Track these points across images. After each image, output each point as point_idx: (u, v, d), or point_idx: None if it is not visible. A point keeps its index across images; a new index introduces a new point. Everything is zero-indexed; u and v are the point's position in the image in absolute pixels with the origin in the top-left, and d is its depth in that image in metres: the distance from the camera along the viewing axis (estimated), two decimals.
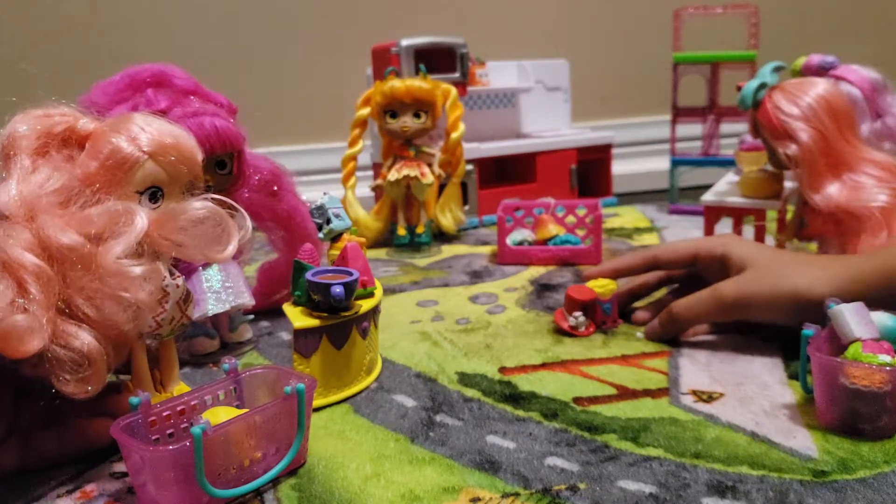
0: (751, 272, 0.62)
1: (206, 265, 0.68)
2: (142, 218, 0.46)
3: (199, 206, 0.48)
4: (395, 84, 1.04)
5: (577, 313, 0.71)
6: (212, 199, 0.49)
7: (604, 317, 0.72)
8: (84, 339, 0.43)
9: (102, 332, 0.44)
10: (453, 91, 1.12)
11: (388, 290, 0.89)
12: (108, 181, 0.46)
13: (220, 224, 0.48)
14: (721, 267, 0.66)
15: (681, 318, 0.66)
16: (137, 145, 0.46)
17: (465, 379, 0.62)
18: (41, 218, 0.44)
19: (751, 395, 0.56)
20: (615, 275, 0.74)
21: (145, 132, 0.47)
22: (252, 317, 0.76)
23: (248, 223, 0.50)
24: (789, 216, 0.84)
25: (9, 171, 0.45)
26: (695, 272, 0.70)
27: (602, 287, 0.72)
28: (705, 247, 0.67)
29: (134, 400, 0.45)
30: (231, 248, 0.49)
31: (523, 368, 0.64)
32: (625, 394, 0.58)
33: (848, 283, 0.57)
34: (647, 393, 0.58)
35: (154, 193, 0.48)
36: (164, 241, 0.47)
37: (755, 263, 0.63)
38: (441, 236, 1.18)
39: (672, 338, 0.68)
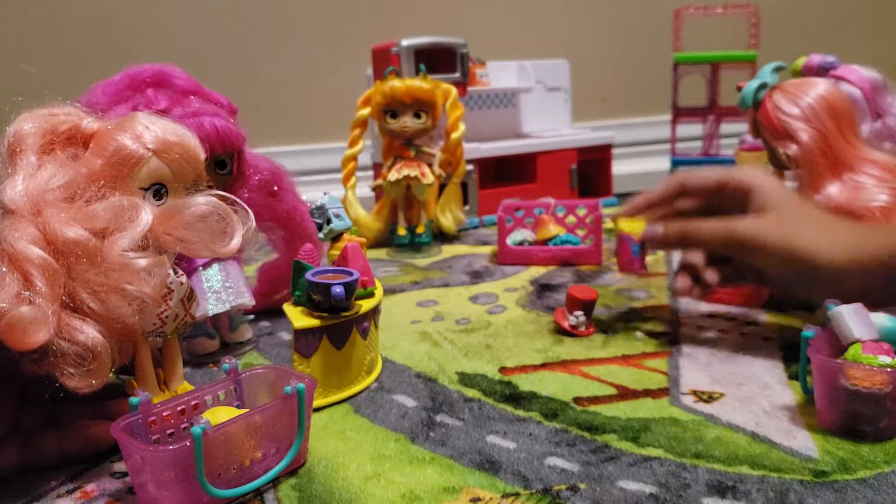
0: (771, 217, 0.60)
1: (207, 265, 0.68)
2: (146, 212, 0.46)
3: (203, 201, 0.48)
4: (396, 84, 1.04)
5: (578, 313, 0.71)
6: (215, 194, 0.49)
7: (632, 259, 0.69)
8: (89, 332, 0.44)
9: (107, 326, 0.45)
10: (453, 91, 1.12)
11: (389, 290, 0.89)
12: (113, 178, 0.46)
13: (223, 219, 0.49)
14: (745, 201, 0.63)
15: (689, 236, 0.64)
16: (142, 143, 0.47)
17: (466, 379, 0.62)
18: (47, 212, 0.44)
19: (751, 396, 0.56)
20: (647, 205, 0.70)
21: (150, 130, 0.47)
22: (252, 317, 0.76)
23: (252, 217, 0.51)
24: None
25: (15, 167, 0.46)
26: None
27: (632, 226, 0.68)
28: (735, 177, 0.64)
29: (134, 400, 0.45)
30: (236, 242, 0.49)
31: (523, 368, 0.64)
32: (625, 394, 0.58)
33: (868, 258, 0.55)
34: (648, 393, 0.58)
35: (158, 191, 0.48)
36: (169, 238, 0.47)
37: (778, 208, 0.60)
38: (441, 236, 1.18)
39: (672, 245, 0.66)
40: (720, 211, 0.66)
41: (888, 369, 0.47)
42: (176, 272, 0.50)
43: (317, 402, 0.57)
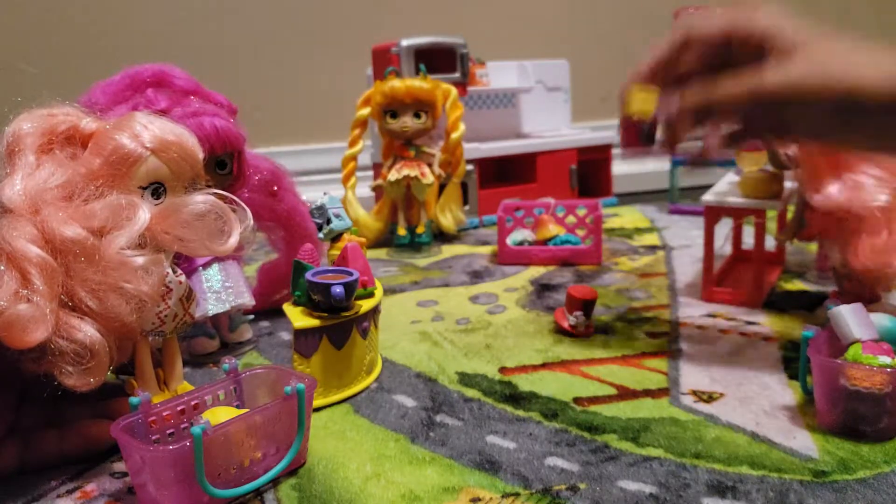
0: (802, 56, 0.49)
1: (207, 265, 0.68)
2: (144, 211, 0.46)
3: (201, 199, 0.48)
4: (396, 84, 1.04)
5: (578, 313, 0.71)
6: (213, 193, 0.49)
7: (643, 140, 0.61)
8: (87, 331, 0.44)
9: (105, 325, 0.45)
10: (453, 91, 1.12)
11: (389, 290, 0.89)
12: (112, 177, 0.47)
13: (221, 217, 0.49)
14: (761, 50, 0.51)
15: (712, 100, 0.52)
16: (140, 142, 0.47)
17: (466, 379, 0.62)
18: (45, 211, 0.44)
19: (751, 396, 0.56)
20: (656, 66, 0.57)
21: (148, 129, 0.47)
22: (252, 317, 0.76)
23: (250, 216, 0.51)
24: (789, 216, 0.84)
25: (13, 167, 0.46)
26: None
27: (641, 103, 0.58)
28: (742, 24, 0.52)
29: (134, 400, 0.45)
30: (233, 241, 0.49)
31: (523, 368, 0.64)
32: (625, 394, 0.58)
33: None
34: (648, 393, 0.58)
35: (156, 189, 0.48)
36: (167, 236, 0.47)
37: (807, 44, 0.50)
38: (441, 236, 1.18)
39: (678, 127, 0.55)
40: (728, 66, 0.53)
41: (888, 369, 0.47)
42: (174, 271, 0.50)
43: (317, 402, 0.57)
